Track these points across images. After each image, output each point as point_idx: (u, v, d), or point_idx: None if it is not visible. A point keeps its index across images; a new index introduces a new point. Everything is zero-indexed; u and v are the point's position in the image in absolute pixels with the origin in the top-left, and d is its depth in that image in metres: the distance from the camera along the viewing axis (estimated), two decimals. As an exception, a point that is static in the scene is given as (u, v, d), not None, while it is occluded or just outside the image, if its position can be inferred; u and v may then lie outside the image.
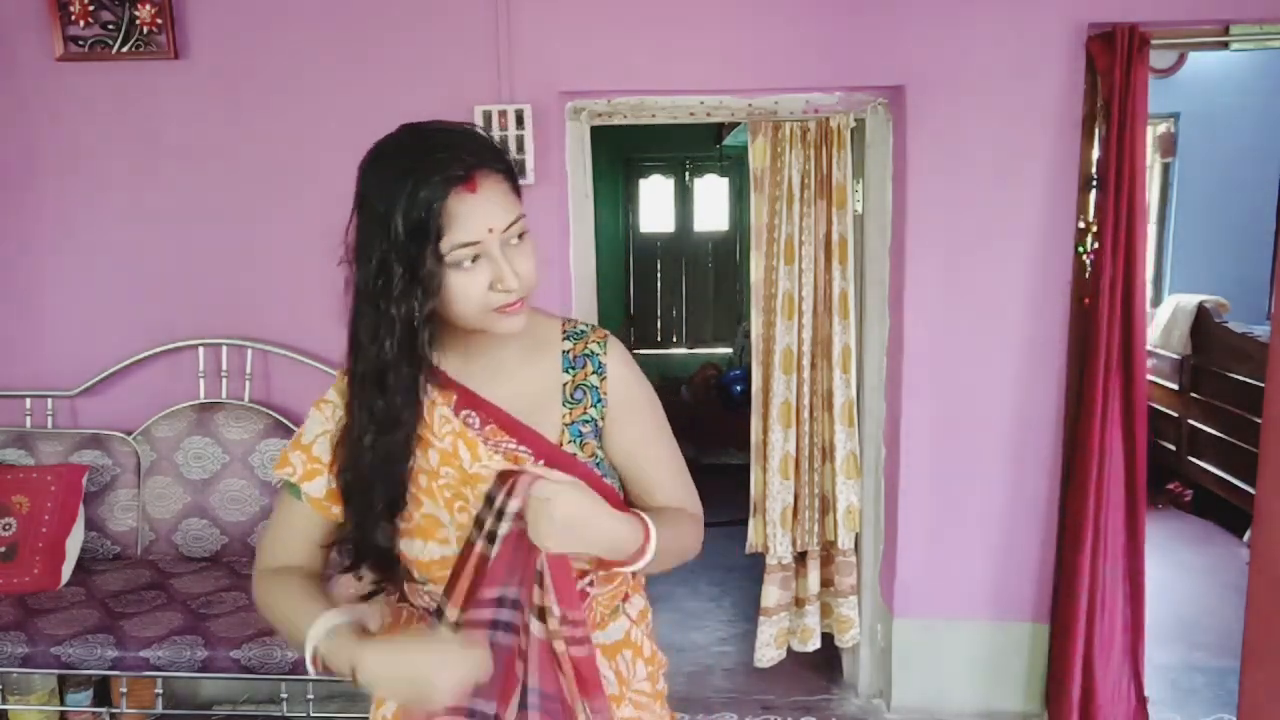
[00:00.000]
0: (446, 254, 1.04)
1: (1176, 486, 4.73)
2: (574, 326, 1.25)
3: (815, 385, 2.88)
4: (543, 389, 1.20)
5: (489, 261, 1.07)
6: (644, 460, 1.24)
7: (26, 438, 2.77)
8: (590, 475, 1.16)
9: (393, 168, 1.05)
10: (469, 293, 1.07)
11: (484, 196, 1.05)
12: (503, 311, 1.09)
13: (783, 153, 2.78)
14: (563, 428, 1.19)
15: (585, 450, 1.19)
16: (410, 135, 1.09)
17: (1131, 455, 2.59)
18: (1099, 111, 2.57)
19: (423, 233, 1.03)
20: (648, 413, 1.25)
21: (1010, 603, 2.79)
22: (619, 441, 1.22)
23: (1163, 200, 5.57)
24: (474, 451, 1.14)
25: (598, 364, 1.21)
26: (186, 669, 2.28)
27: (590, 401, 1.20)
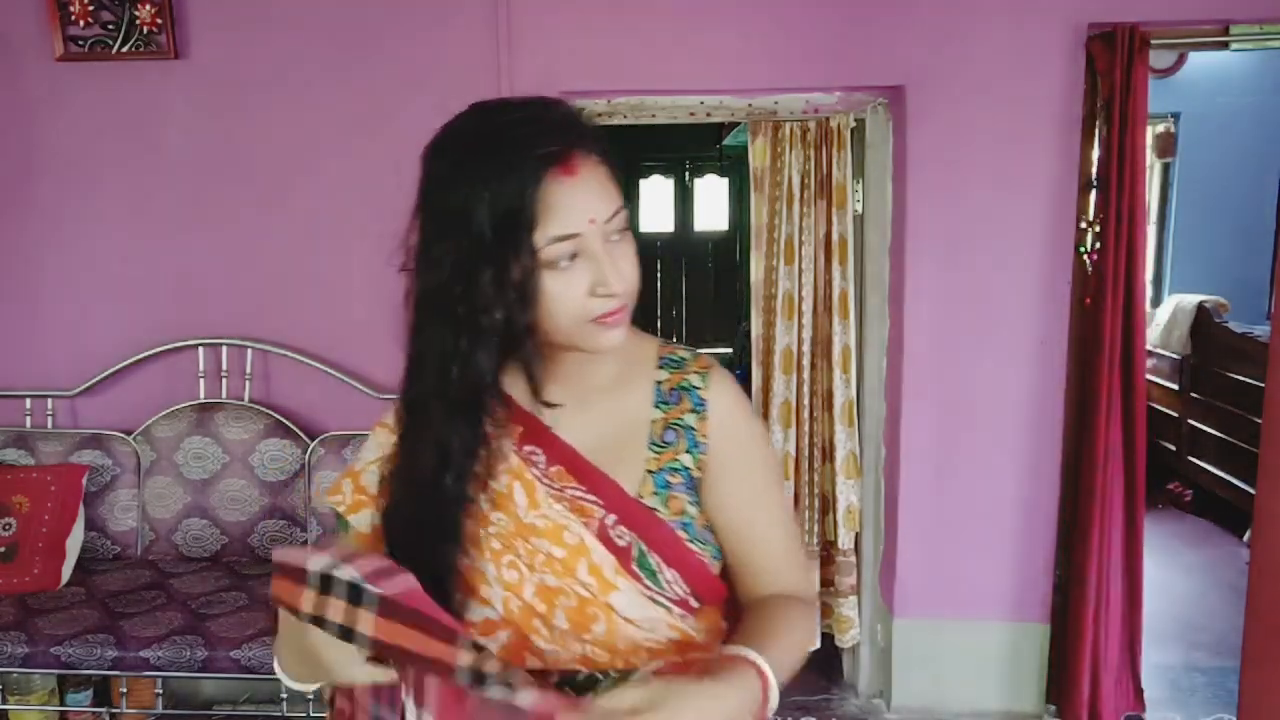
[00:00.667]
0: (540, 251, 0.86)
1: (1176, 486, 4.73)
2: (672, 352, 1.03)
3: (815, 385, 2.88)
4: (626, 426, 0.98)
5: (589, 260, 0.88)
6: (748, 527, 1.00)
7: (26, 438, 2.77)
8: (672, 540, 0.95)
9: (471, 150, 0.87)
10: (566, 298, 0.88)
11: (583, 181, 0.87)
12: (603, 322, 0.90)
13: (783, 153, 2.78)
14: (645, 475, 0.96)
15: (671, 507, 0.96)
16: (488, 113, 0.91)
17: (1131, 455, 2.59)
18: (1099, 111, 2.57)
19: (514, 225, 0.85)
20: (758, 465, 1.01)
21: (1010, 602, 2.79)
22: (718, 500, 0.99)
23: (1163, 200, 5.57)
24: (532, 496, 0.95)
25: (697, 400, 0.99)
26: (186, 669, 2.28)
27: (684, 446, 0.98)
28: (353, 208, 2.74)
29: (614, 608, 0.93)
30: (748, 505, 1.00)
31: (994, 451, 2.74)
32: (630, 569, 0.94)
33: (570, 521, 0.93)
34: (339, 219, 2.76)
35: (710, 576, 0.99)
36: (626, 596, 0.93)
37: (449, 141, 0.90)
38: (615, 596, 0.93)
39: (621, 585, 0.93)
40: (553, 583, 0.93)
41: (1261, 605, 1.95)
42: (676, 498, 0.97)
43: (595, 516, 0.94)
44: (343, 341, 2.82)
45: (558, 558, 0.93)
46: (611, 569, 0.93)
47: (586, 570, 0.93)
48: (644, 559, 0.95)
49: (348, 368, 2.81)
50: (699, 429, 0.98)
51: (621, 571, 0.93)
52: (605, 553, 0.93)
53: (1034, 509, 2.75)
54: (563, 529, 0.93)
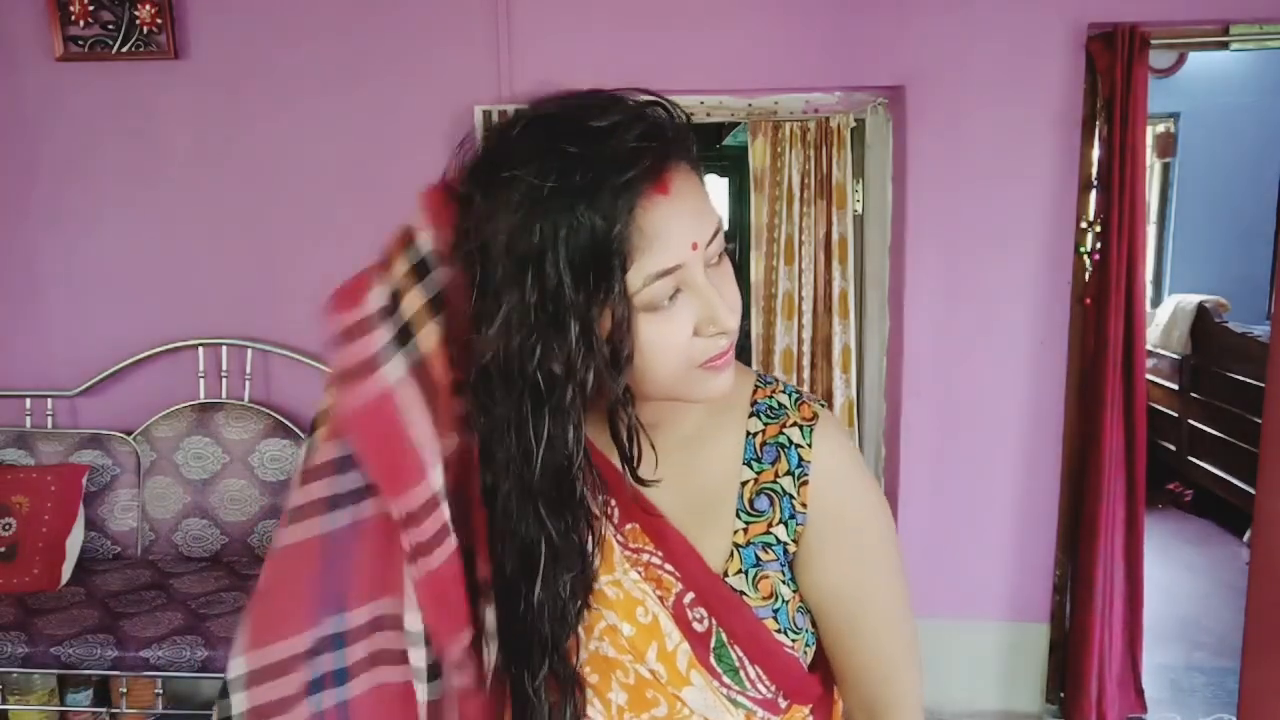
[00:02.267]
0: (637, 293, 0.69)
1: (1176, 486, 4.73)
2: (769, 395, 0.83)
3: (815, 385, 2.88)
4: (711, 487, 0.81)
5: (693, 295, 0.72)
6: (853, 615, 0.82)
7: (26, 438, 2.77)
8: (759, 632, 0.79)
9: (539, 172, 0.67)
10: (669, 345, 0.71)
11: (680, 200, 0.70)
12: (713, 366, 0.73)
13: (783, 153, 2.78)
14: (732, 549, 0.80)
15: (760, 589, 0.79)
16: (553, 121, 0.72)
17: (1132, 455, 2.59)
18: (1099, 111, 2.57)
19: (604, 266, 0.67)
20: (867, 541, 0.82)
21: (1010, 602, 2.79)
22: (816, 579, 0.81)
23: (1163, 200, 5.57)
24: (608, 559, 0.80)
25: (796, 460, 0.80)
26: (186, 669, 2.28)
27: (779, 515, 0.80)
28: (353, 207, 2.74)
29: (685, 702, 0.79)
30: (852, 587, 0.82)
31: (994, 451, 2.74)
32: (708, 663, 0.79)
33: (647, 596, 0.79)
34: (339, 219, 2.76)
35: (802, 674, 0.83)
36: (700, 694, 0.79)
37: (505, 159, 0.69)
38: (688, 692, 0.79)
39: (696, 681, 0.79)
40: (610, 654, 0.80)
41: (1261, 605, 1.95)
42: (768, 577, 0.80)
43: (672, 591, 0.79)
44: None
45: (624, 635, 0.79)
46: (686, 659, 0.78)
47: (656, 655, 0.79)
48: (724, 651, 0.79)
49: (348, 368, 2.80)
50: (798, 496, 0.80)
51: (696, 665, 0.79)
52: (681, 639, 0.78)
53: (1034, 509, 2.75)
54: (637, 604, 0.79)
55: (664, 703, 0.79)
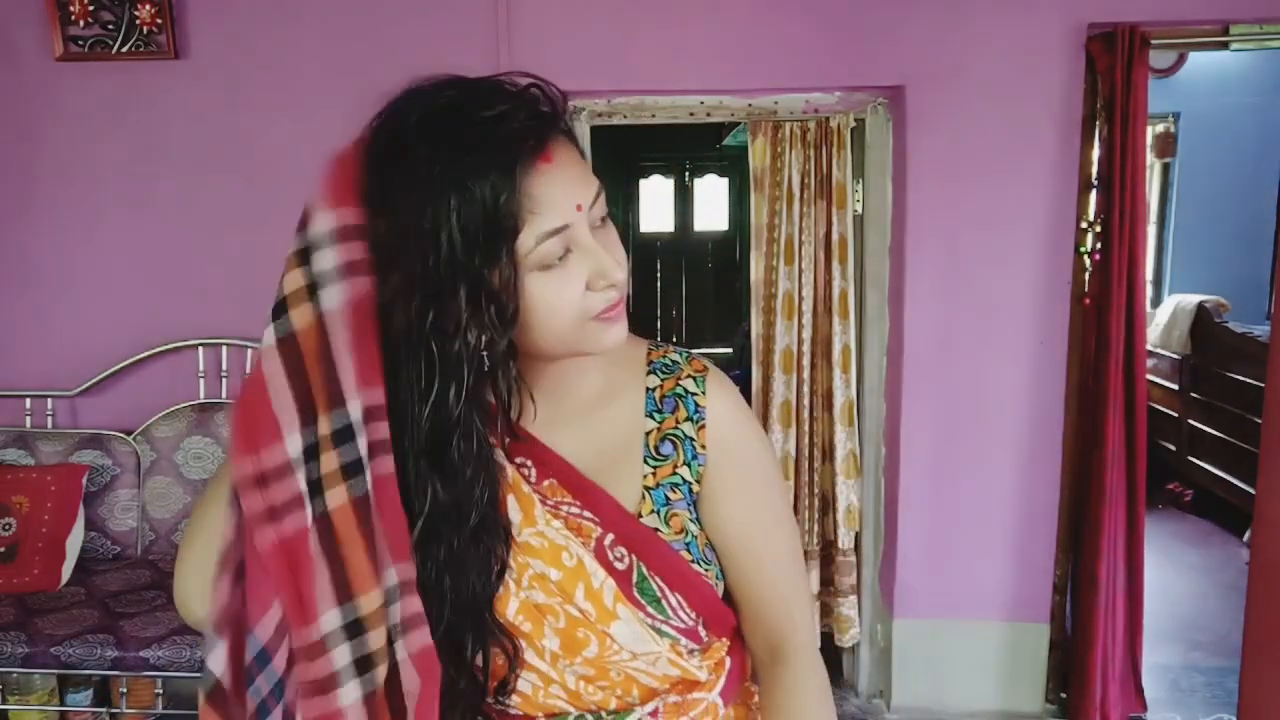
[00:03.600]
0: (530, 253, 0.76)
1: (1176, 486, 4.73)
2: (663, 355, 0.93)
3: (815, 385, 2.88)
4: (619, 439, 0.89)
5: (582, 253, 0.78)
6: (746, 551, 0.92)
7: (26, 438, 2.77)
8: (676, 561, 0.88)
9: (427, 149, 0.75)
10: (563, 299, 0.78)
11: (563, 168, 0.78)
12: (606, 317, 0.81)
13: (783, 153, 2.78)
14: (643, 492, 0.88)
15: (672, 525, 0.88)
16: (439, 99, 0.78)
17: (1132, 455, 2.59)
18: (1099, 111, 2.57)
19: (493, 232, 0.74)
20: (760, 479, 0.93)
21: (1011, 602, 2.79)
22: (718, 516, 0.90)
23: (1163, 200, 5.57)
24: (529, 513, 0.86)
25: (693, 407, 0.89)
26: (186, 669, 2.28)
27: (683, 458, 0.89)
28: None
29: (613, 637, 0.86)
30: (750, 521, 0.92)
31: (994, 451, 2.74)
32: (632, 596, 0.86)
33: (570, 541, 0.85)
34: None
35: (717, 600, 0.92)
36: (627, 627, 0.86)
37: (404, 146, 0.76)
38: (616, 626, 0.86)
39: (622, 614, 0.86)
40: (540, 600, 0.86)
41: (1261, 605, 1.95)
42: (678, 515, 0.88)
43: (593, 536, 0.86)
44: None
45: (552, 580, 0.85)
46: (611, 595, 0.85)
47: (584, 595, 0.85)
48: (645, 583, 0.87)
49: (348, 368, 2.81)
50: (697, 439, 0.89)
51: (622, 599, 0.86)
52: (605, 576, 0.85)
53: (1034, 509, 2.75)
54: (561, 550, 0.85)
55: (594, 641, 0.85)
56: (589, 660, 0.87)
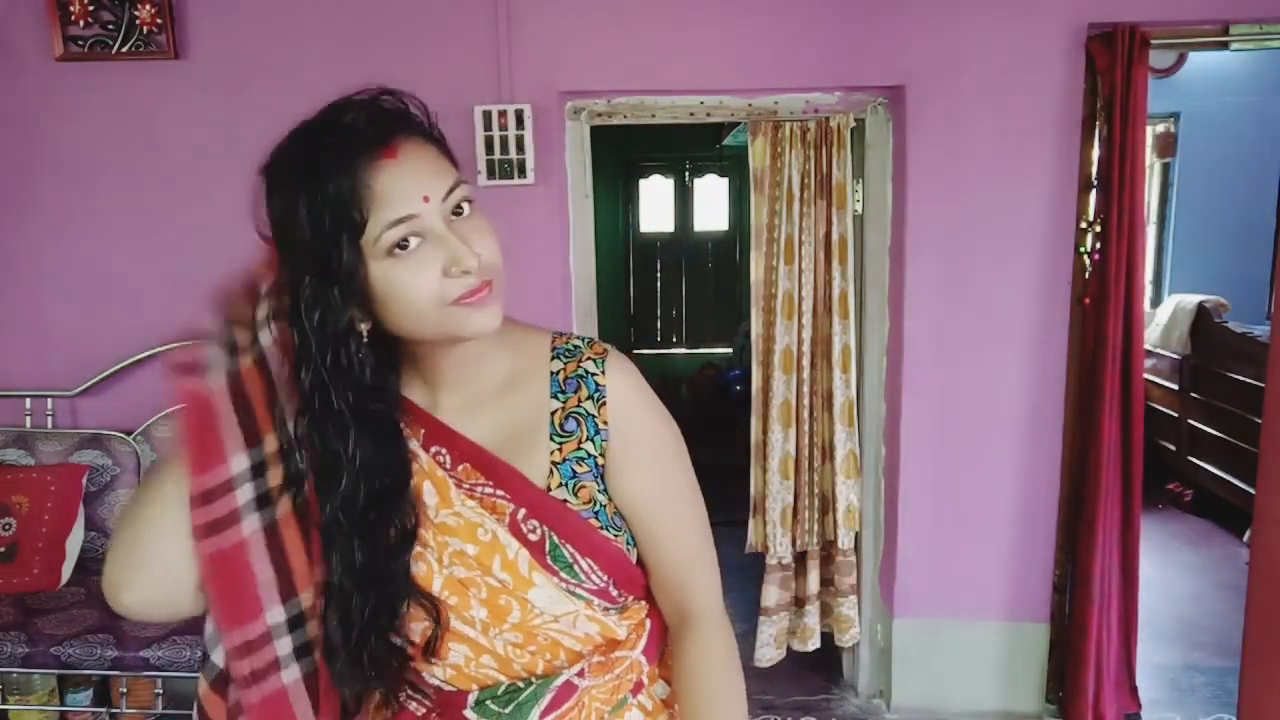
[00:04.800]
0: (377, 239, 0.83)
1: (1176, 486, 4.73)
2: (565, 342, 1.00)
3: (815, 385, 2.88)
4: (526, 419, 0.96)
5: (435, 241, 0.85)
6: (651, 516, 0.99)
7: (26, 438, 2.77)
8: (584, 529, 0.94)
9: (288, 160, 0.87)
10: (417, 285, 0.84)
11: (408, 162, 0.85)
12: (466, 302, 0.86)
13: (783, 153, 2.78)
14: (551, 467, 0.95)
15: (580, 496, 0.95)
16: (304, 123, 0.91)
17: (1129, 454, 2.59)
18: (1099, 111, 2.57)
19: (337, 220, 0.82)
20: (660, 450, 0.99)
21: (1010, 602, 2.79)
22: (623, 485, 0.97)
23: (1163, 200, 5.57)
24: (444, 495, 0.93)
25: (594, 386, 0.96)
26: (186, 669, 2.28)
27: (586, 434, 0.95)
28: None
29: (532, 604, 0.93)
30: (654, 495, 0.98)
31: (994, 451, 2.74)
32: (545, 563, 0.93)
33: (484, 518, 0.92)
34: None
35: (628, 564, 0.99)
36: (544, 591, 0.93)
37: (272, 160, 0.89)
38: (533, 593, 0.93)
39: (538, 580, 0.93)
40: (462, 574, 0.93)
41: (1261, 605, 1.95)
42: (585, 486, 0.95)
43: (506, 512, 0.93)
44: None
45: (470, 554, 0.92)
46: (526, 564, 0.92)
47: (500, 566, 0.92)
48: (557, 551, 0.93)
49: (348, 368, 2.81)
50: (599, 415, 0.96)
51: (536, 566, 0.93)
52: (519, 547, 0.92)
53: (1033, 509, 2.75)
54: (476, 526, 0.93)
55: (516, 607, 0.93)
56: (515, 626, 0.94)
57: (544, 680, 0.95)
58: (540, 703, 0.95)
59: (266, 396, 0.87)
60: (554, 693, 0.95)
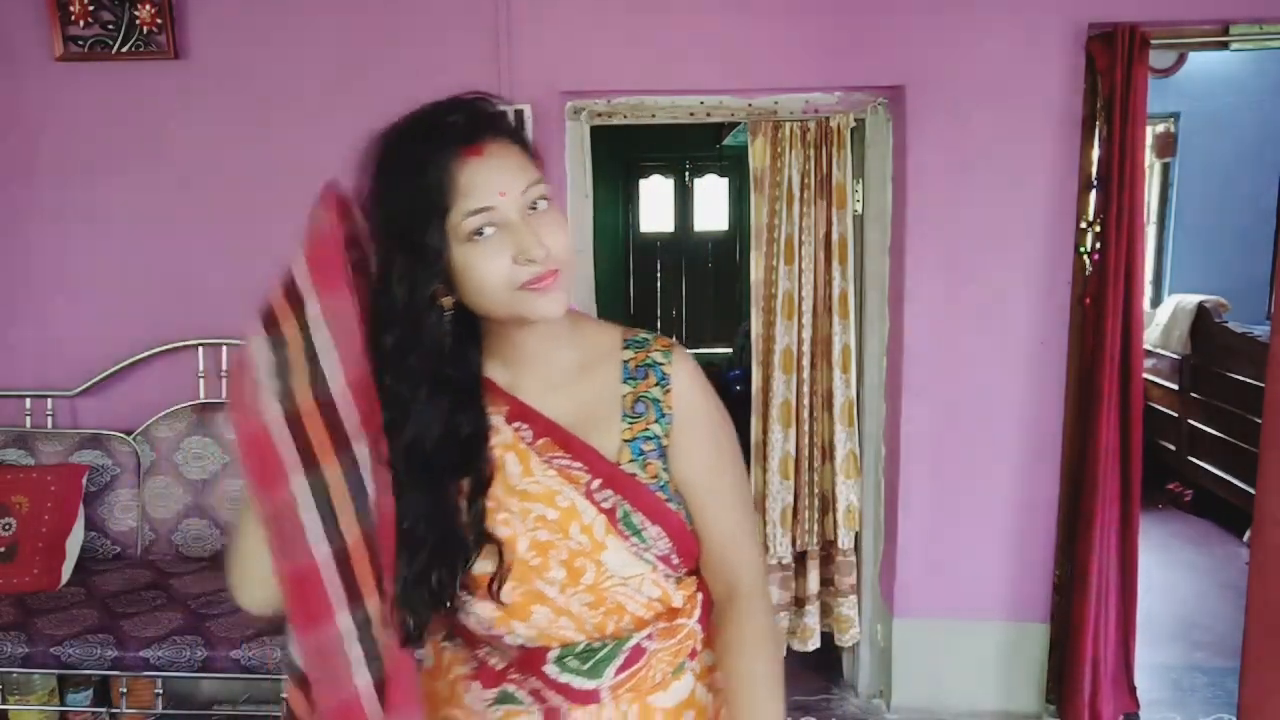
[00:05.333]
0: (457, 226, 0.94)
1: (1176, 486, 4.73)
2: (635, 334, 1.11)
3: (815, 385, 2.88)
4: (600, 402, 1.06)
5: (508, 231, 0.95)
6: (705, 496, 1.08)
7: (26, 438, 2.77)
8: (653, 499, 1.04)
9: (390, 147, 0.98)
10: (490, 269, 0.94)
11: (491, 159, 0.95)
12: (533, 288, 0.95)
13: (783, 153, 2.78)
14: (622, 444, 1.05)
15: (647, 471, 1.05)
16: (410, 113, 1.01)
17: (1127, 453, 2.59)
18: (1099, 111, 2.57)
19: (426, 208, 0.93)
20: (717, 438, 1.10)
21: (1010, 602, 2.79)
22: (683, 465, 1.07)
23: (1163, 200, 5.57)
24: (526, 465, 1.03)
25: (661, 374, 1.07)
26: (186, 669, 2.28)
27: (653, 416, 1.06)
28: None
29: (604, 565, 1.03)
30: (708, 477, 1.09)
31: (994, 451, 2.74)
32: (617, 528, 1.02)
33: (563, 486, 1.02)
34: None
35: (688, 534, 1.08)
36: (615, 554, 1.03)
37: (376, 142, 0.99)
38: (606, 555, 1.02)
39: (611, 544, 1.02)
40: (544, 537, 1.02)
41: (1261, 605, 1.95)
42: (651, 463, 1.05)
43: (581, 482, 1.03)
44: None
45: (550, 519, 1.02)
46: (602, 528, 1.02)
47: (579, 530, 1.02)
48: (628, 518, 1.03)
49: (348, 368, 2.81)
50: (664, 400, 1.06)
51: (610, 530, 1.02)
52: (595, 513, 1.02)
53: (1034, 508, 2.75)
54: (555, 494, 1.02)
55: (591, 569, 1.02)
56: (589, 587, 1.02)
57: (618, 641, 1.05)
58: (615, 661, 1.05)
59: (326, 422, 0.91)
60: (627, 653, 1.05)
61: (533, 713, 1.06)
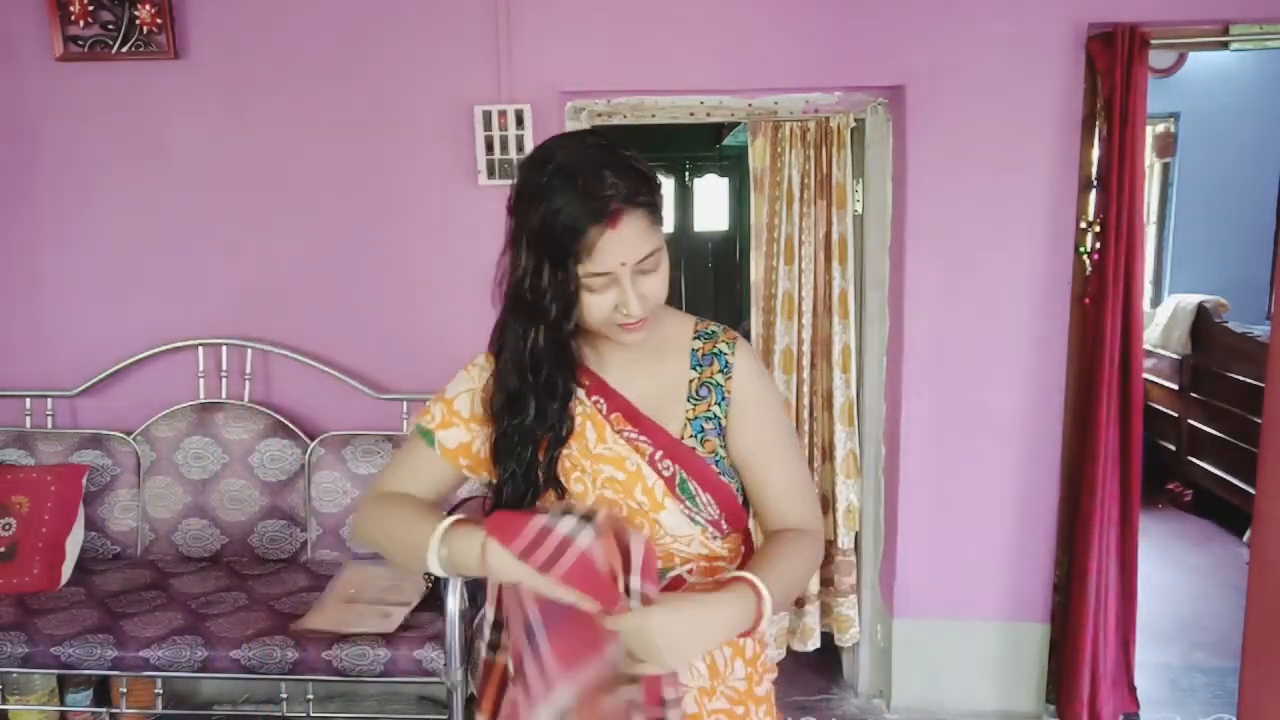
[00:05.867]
0: (583, 277, 1.10)
1: (1176, 486, 4.73)
2: (706, 327, 1.28)
3: (815, 385, 2.88)
4: (670, 384, 1.24)
5: (617, 286, 1.12)
6: (762, 464, 1.25)
7: (26, 438, 2.77)
8: (707, 471, 1.21)
9: (545, 186, 1.09)
10: (597, 310, 1.13)
11: (624, 233, 1.09)
12: (624, 329, 1.15)
13: (783, 153, 2.78)
14: (685, 422, 1.22)
15: (705, 447, 1.22)
16: (569, 153, 1.12)
17: (1128, 454, 2.59)
18: (1099, 111, 2.57)
19: (565, 254, 1.09)
20: (771, 416, 1.26)
21: (1010, 602, 2.79)
22: (740, 441, 1.23)
23: (1163, 200, 5.57)
24: (600, 433, 1.21)
25: (725, 363, 1.24)
26: (186, 669, 2.28)
27: (715, 399, 1.23)
28: (352, 207, 2.75)
29: (661, 523, 1.20)
30: (764, 447, 1.25)
31: (994, 451, 2.74)
32: (675, 493, 1.20)
33: (630, 454, 1.20)
34: (339, 218, 2.76)
35: (736, 504, 1.25)
36: (671, 515, 1.20)
37: (537, 165, 1.11)
38: (663, 515, 1.19)
39: (669, 505, 1.20)
40: (610, 495, 1.20)
41: (1261, 605, 1.95)
42: (710, 440, 1.22)
43: (646, 452, 1.20)
44: (343, 341, 2.82)
45: (619, 480, 1.20)
46: (661, 491, 1.19)
47: (641, 491, 1.19)
48: (685, 485, 1.20)
49: (348, 368, 2.81)
50: (725, 385, 1.23)
51: (669, 494, 1.20)
52: (656, 478, 1.20)
53: (1033, 508, 2.75)
54: (624, 459, 1.20)
55: (647, 526, 1.20)
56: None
57: (663, 572, 1.19)
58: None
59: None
60: (668, 581, 1.20)
61: None
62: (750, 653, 1.28)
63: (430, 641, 2.24)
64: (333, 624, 2.28)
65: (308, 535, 2.72)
